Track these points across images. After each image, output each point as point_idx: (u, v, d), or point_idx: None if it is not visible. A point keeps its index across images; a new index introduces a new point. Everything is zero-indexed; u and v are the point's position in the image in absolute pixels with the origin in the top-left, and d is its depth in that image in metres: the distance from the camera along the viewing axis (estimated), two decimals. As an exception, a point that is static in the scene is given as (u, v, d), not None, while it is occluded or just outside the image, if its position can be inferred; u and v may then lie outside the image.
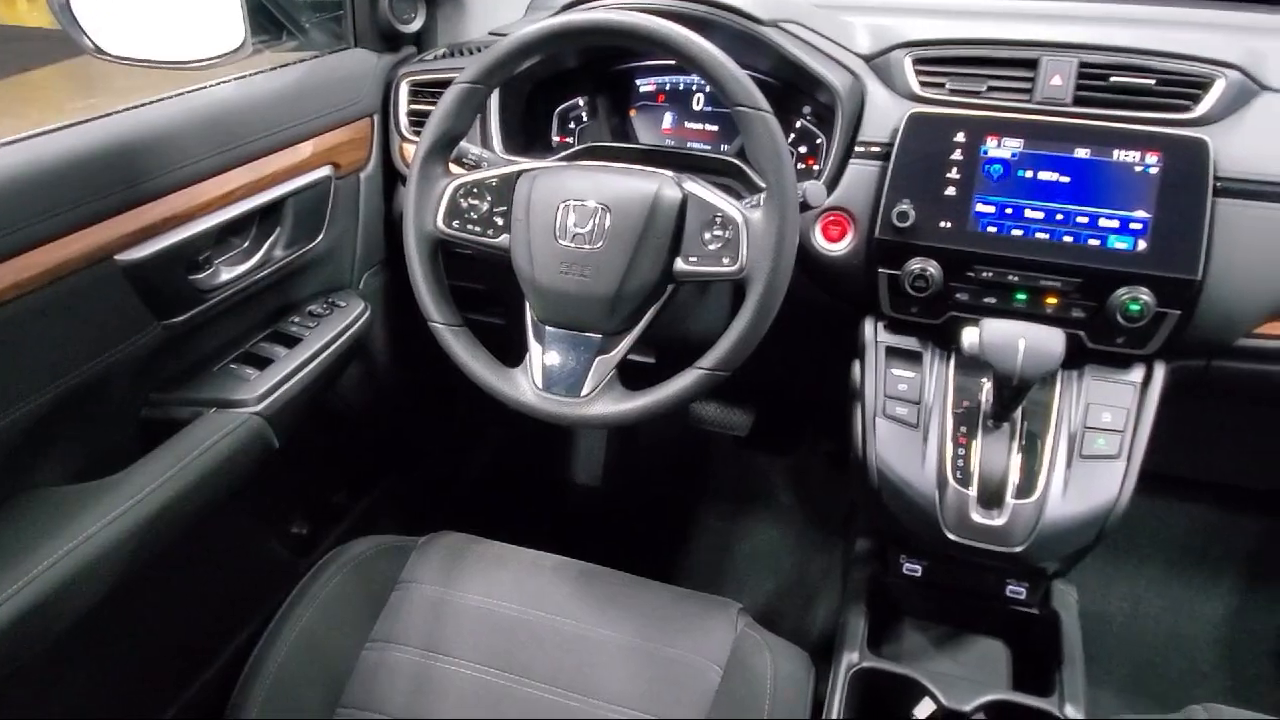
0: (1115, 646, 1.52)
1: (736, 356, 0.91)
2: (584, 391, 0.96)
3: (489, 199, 0.99)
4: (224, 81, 1.12)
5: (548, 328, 0.99)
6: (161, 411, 1.06)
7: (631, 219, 0.92)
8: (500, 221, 0.99)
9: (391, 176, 1.36)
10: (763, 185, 0.89)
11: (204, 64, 1.01)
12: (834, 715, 0.97)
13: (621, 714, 0.94)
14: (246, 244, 1.15)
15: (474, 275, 1.29)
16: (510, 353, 1.02)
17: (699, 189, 0.93)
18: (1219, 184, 0.93)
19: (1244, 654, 1.51)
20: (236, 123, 1.09)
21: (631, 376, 0.98)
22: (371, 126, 1.33)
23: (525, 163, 1.01)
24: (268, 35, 1.35)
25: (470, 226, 1.00)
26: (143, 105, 1.01)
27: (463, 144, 1.12)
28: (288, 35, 1.37)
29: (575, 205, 0.94)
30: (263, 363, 1.14)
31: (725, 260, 0.91)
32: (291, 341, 1.19)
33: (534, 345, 0.99)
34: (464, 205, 1.00)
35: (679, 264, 0.94)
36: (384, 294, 1.40)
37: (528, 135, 1.31)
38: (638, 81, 1.32)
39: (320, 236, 1.23)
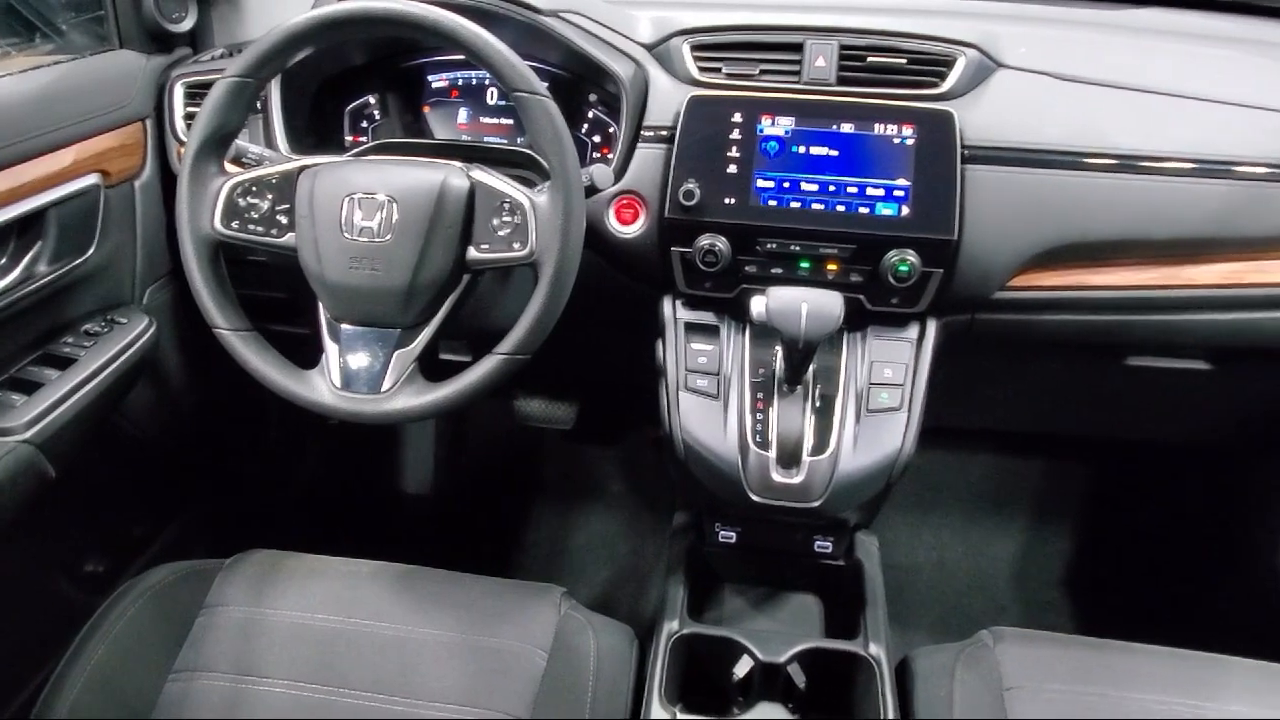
0: (925, 593, 1.63)
1: (534, 339, 0.92)
2: (384, 387, 0.94)
3: (270, 197, 0.96)
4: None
5: (343, 326, 0.96)
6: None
7: (419, 210, 0.91)
8: (284, 220, 0.96)
9: (170, 184, 1.28)
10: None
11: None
12: (656, 683, 0.99)
13: (447, 711, 0.92)
14: (3, 260, 1.06)
15: (274, 284, 1.24)
16: (319, 362, 0.99)
17: (485, 177, 0.94)
18: (966, 152, 1.02)
19: (1035, 585, 1.66)
20: (-20, 128, 1.00)
21: (447, 375, 0.97)
22: (144, 132, 1.25)
23: (306, 158, 0.98)
24: (17, 38, 1.25)
25: (251, 226, 0.96)
26: None
27: (241, 144, 1.08)
28: (42, 38, 1.27)
29: (361, 199, 0.92)
30: (31, 387, 1.05)
31: (516, 245, 0.92)
32: (64, 363, 1.10)
33: (329, 344, 0.97)
34: (243, 205, 0.96)
35: (472, 252, 0.94)
36: (172, 308, 1.32)
37: (318, 135, 1.27)
38: (430, 77, 1.31)
39: (91, 250, 1.15)
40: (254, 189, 0.96)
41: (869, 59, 1.07)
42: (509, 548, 1.73)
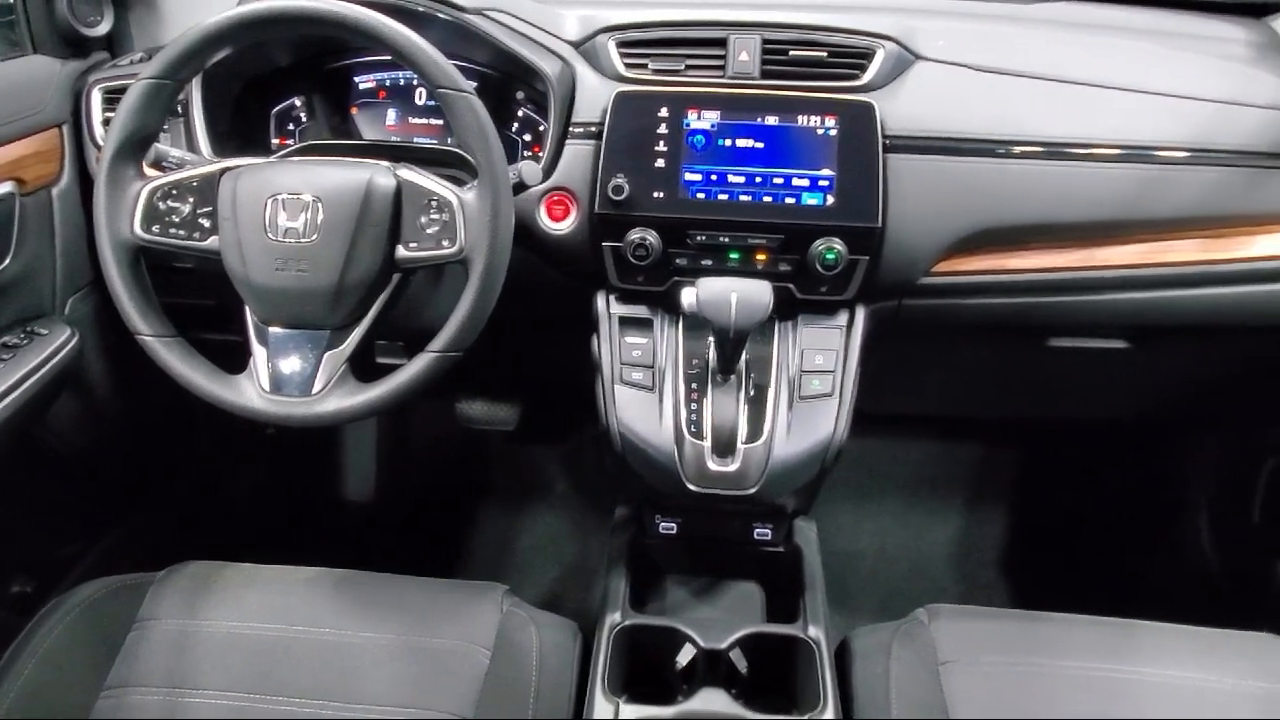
0: (868, 578, 1.66)
1: (466, 336, 0.92)
2: (315, 389, 0.93)
3: (191, 200, 0.95)
4: None
5: (271, 329, 0.95)
6: None
7: (345, 210, 0.91)
8: (206, 224, 0.95)
9: (90, 191, 1.24)
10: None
11: None
12: (599, 674, 0.99)
13: (388, 714, 0.92)
14: (-87, 273, 1.03)
15: (201, 291, 1.21)
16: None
17: (413, 175, 0.93)
18: (887, 141, 1.05)
19: (974, 565, 1.70)
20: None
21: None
22: (61, 138, 1.22)
23: (228, 160, 0.97)
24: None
25: (173, 231, 0.95)
26: None
27: (162, 148, 1.06)
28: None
29: (285, 199, 0.92)
30: (-54, 403, 1.02)
31: (445, 243, 0.92)
32: (-20, 377, 1.07)
33: (257, 348, 0.96)
34: (163, 209, 0.94)
35: (401, 251, 0.93)
36: (96, 318, 1.29)
37: (242, 139, 1.24)
38: (357, 79, 1.30)
39: (7, 260, 1.12)
40: (174, 192, 0.94)
41: (791, 53, 1.09)
42: (454, 551, 1.72)
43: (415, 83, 1.28)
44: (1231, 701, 0.93)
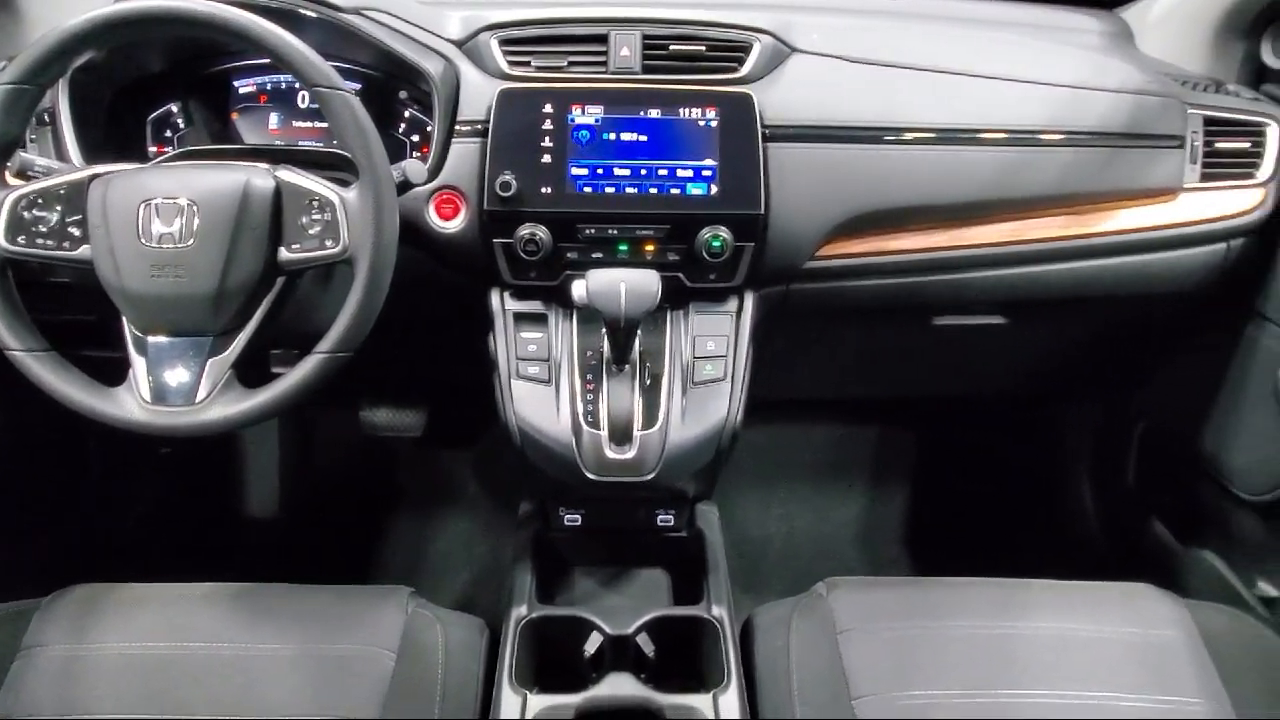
0: (776, 562, 1.71)
1: (355, 336, 0.91)
2: (199, 398, 0.91)
3: (59, 209, 0.92)
4: None
5: (150, 338, 0.93)
6: None
7: (223, 213, 0.89)
8: (76, 233, 0.92)
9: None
10: None
11: None
12: (506, 667, 0.99)
13: (293, 724, 0.90)
14: None
15: (78, 305, 1.17)
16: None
17: (292, 176, 0.92)
18: (766, 131, 1.08)
19: (878, 543, 1.76)
20: None
21: None
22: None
23: (97, 167, 0.94)
24: None
25: (41, 241, 0.91)
26: None
27: (28, 156, 1.02)
28: None
29: (160, 204, 0.90)
30: None
31: (328, 243, 0.91)
32: None
33: (136, 359, 0.93)
34: (29, 218, 0.91)
35: (283, 253, 0.92)
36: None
37: (117, 147, 1.20)
38: (236, 83, 1.27)
39: None
40: (40, 201, 0.91)
41: (671, 47, 1.11)
42: (364, 561, 1.69)
43: (298, 86, 1.26)
44: (1109, 647, 0.99)
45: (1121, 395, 1.57)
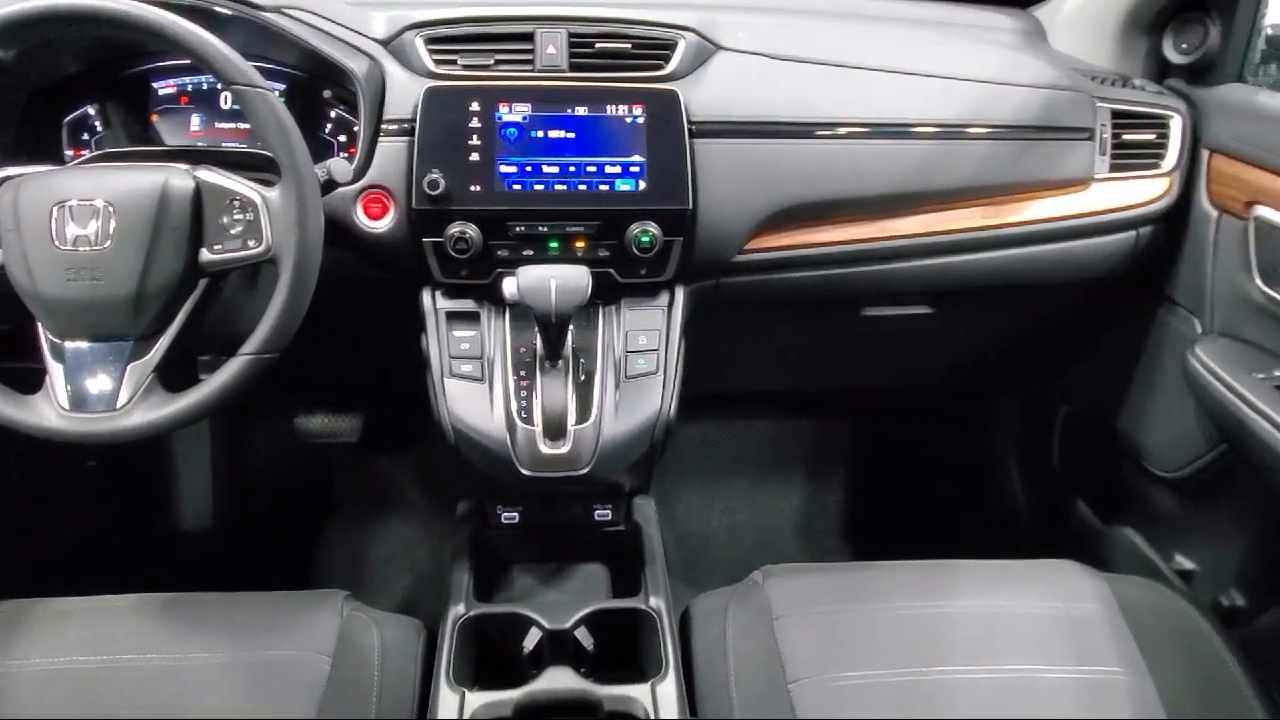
0: (719, 556, 1.73)
1: (280, 337, 0.90)
2: (120, 403, 0.90)
3: None
4: None
5: (67, 344, 0.91)
6: None
7: (141, 214, 0.88)
8: None
9: None
10: None
11: None
12: (443, 666, 0.99)
13: (226, 733, 0.89)
14: None
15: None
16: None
17: (212, 176, 0.91)
18: (693, 127, 1.09)
19: (818, 533, 1.79)
20: None
21: None
22: None
23: (7, 169, 0.92)
24: None
25: None
26: None
27: None
28: None
29: (74, 207, 0.88)
30: None
31: (251, 243, 0.90)
32: None
33: (53, 365, 0.91)
34: None
35: (205, 254, 0.91)
36: None
37: (31, 151, 1.17)
38: (155, 84, 1.24)
39: None
40: None
41: (597, 45, 1.12)
42: (302, 570, 1.67)
43: (219, 87, 1.24)
44: (1034, 622, 1.02)
45: (1045, 382, 1.63)
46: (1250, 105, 1.16)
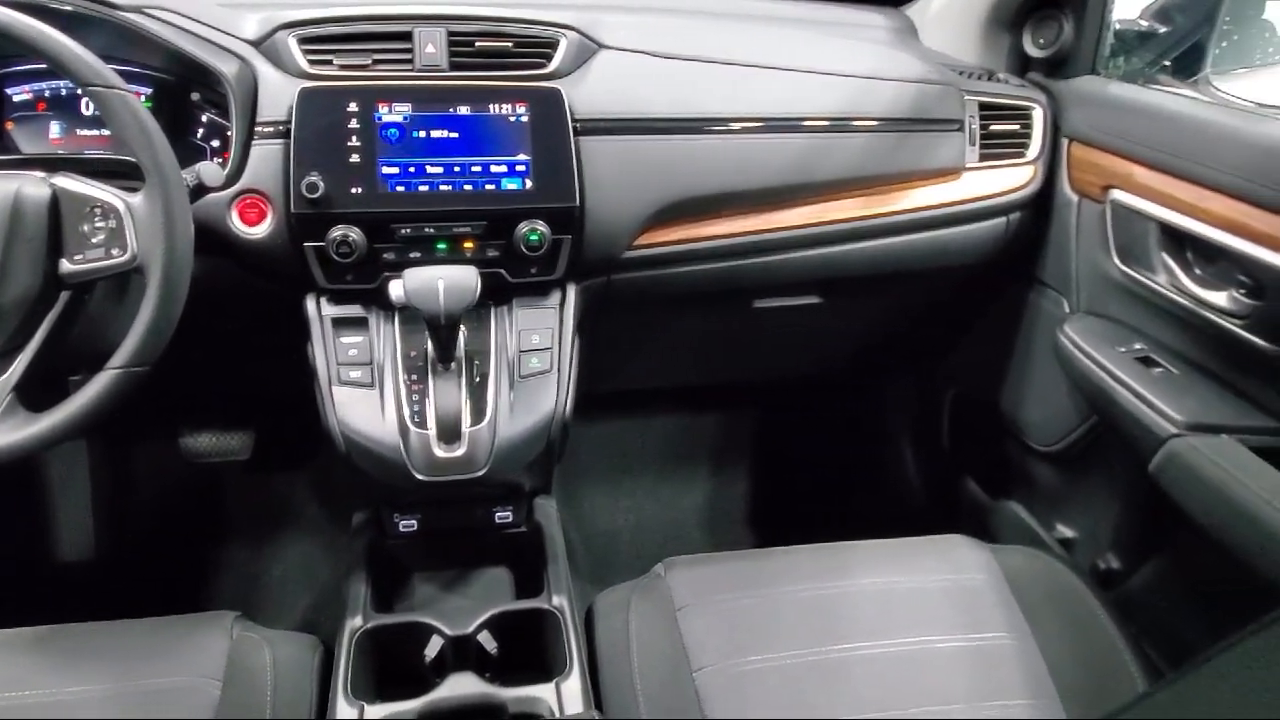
0: (626, 554, 1.73)
1: (150, 349, 0.86)
2: (-25, 426, 0.84)
3: None
4: None
5: (-87, 366, 0.85)
6: None
7: None
8: None
9: None
10: None
11: None
12: (340, 681, 0.96)
13: (107, 768, 0.84)
14: None
15: None
16: None
17: (70, 183, 0.87)
18: (577, 125, 1.09)
19: (723, 526, 1.81)
20: None
21: None
22: None
23: None
24: None
25: None
26: None
27: None
28: None
29: None
30: None
31: (115, 252, 0.86)
32: None
33: (-100, 388, 0.85)
34: None
35: (65, 265, 0.86)
36: None
37: None
38: (9, 90, 1.17)
39: None
40: None
41: (477, 44, 1.11)
42: (194, 596, 1.60)
43: (80, 92, 1.18)
44: (926, 596, 1.06)
45: (932, 366, 1.69)
46: (1103, 96, 1.23)
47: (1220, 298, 1.03)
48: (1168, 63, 1.25)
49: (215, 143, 1.18)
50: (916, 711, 0.93)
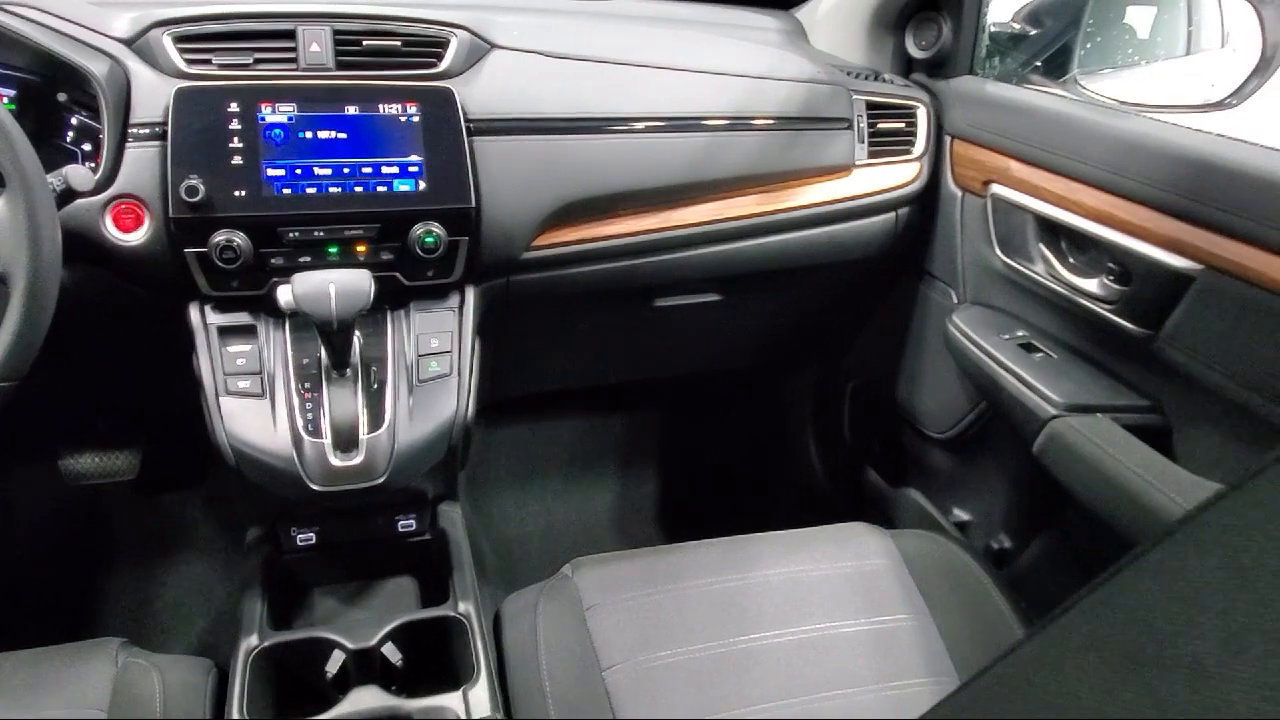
0: (538, 558, 1.72)
1: (16, 362, 0.81)
2: None
3: None
4: None
5: None
6: None
7: None
8: None
9: None
10: None
11: None
12: (235, 703, 0.93)
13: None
14: None
15: None
16: None
17: (-80, 188, 0.81)
18: (470, 125, 1.08)
19: (635, 524, 1.82)
20: None
21: None
22: None
23: None
24: None
25: None
26: None
27: None
28: None
29: None
30: None
31: (-27, 261, 0.81)
32: None
33: None
34: None
35: (-82, 277, 0.80)
36: None
37: None
38: None
39: None
40: None
41: (365, 43, 1.08)
42: (78, 627, 1.51)
43: (-69, 93, 1.11)
44: (830, 583, 1.08)
45: (832, 359, 1.73)
46: (980, 95, 1.29)
47: (1092, 284, 1.08)
48: (1039, 63, 1.31)
49: (86, 146, 1.12)
50: (822, 696, 0.95)
